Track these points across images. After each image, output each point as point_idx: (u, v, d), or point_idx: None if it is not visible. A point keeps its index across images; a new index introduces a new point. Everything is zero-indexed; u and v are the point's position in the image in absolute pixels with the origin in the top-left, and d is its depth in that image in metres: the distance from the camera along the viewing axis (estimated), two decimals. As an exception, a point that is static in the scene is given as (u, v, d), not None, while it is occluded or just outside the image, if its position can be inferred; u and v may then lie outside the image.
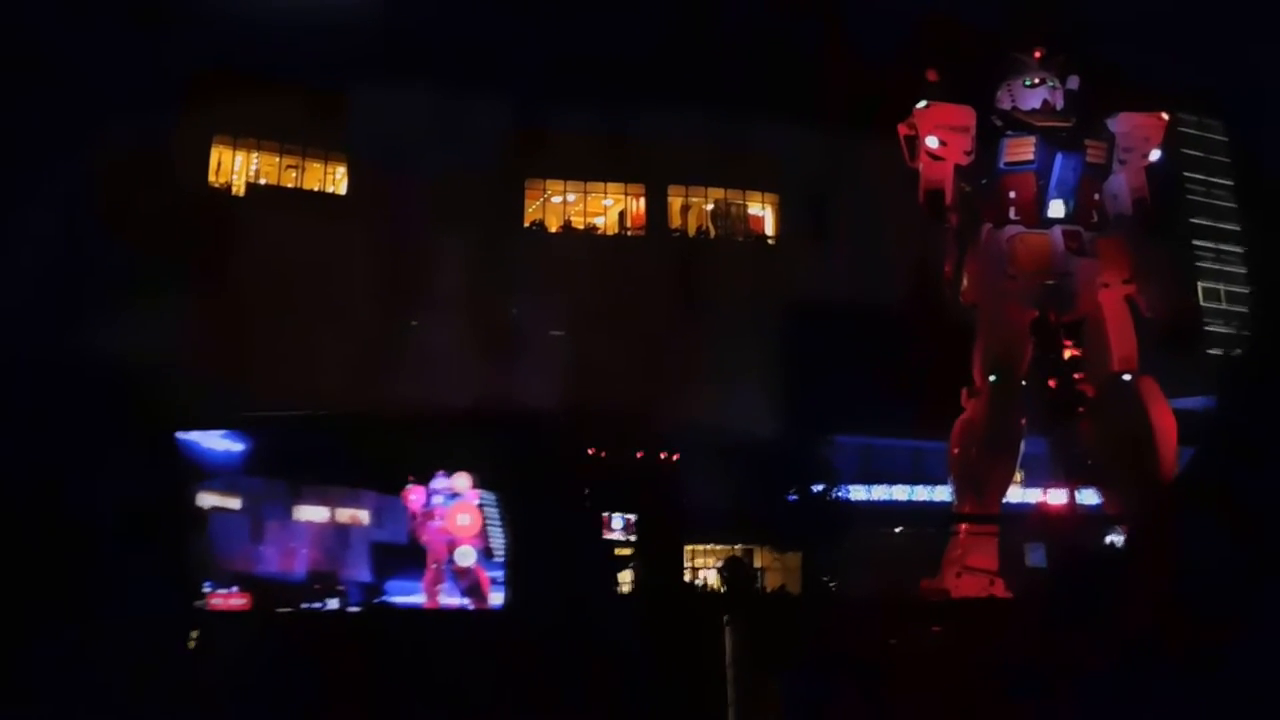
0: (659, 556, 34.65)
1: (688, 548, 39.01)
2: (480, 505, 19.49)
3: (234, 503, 21.90)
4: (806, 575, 38.16)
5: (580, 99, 40.06)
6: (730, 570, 20.96)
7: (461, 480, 19.22)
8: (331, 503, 22.49)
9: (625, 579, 35.69)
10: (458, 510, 18.96)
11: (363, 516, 22.36)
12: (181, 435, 22.21)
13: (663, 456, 37.23)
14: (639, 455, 37.36)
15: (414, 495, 19.32)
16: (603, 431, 36.80)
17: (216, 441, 22.77)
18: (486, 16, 39.50)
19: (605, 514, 35.04)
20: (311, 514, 22.39)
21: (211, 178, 41.00)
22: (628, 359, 37.02)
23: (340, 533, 22.51)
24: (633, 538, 36.25)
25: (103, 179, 32.07)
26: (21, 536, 15.52)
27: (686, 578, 38.07)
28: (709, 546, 39.64)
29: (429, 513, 19.15)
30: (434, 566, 19.11)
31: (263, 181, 42.12)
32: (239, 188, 41.58)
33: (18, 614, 12.40)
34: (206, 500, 21.80)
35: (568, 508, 27.08)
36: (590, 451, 36.50)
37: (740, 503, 35.10)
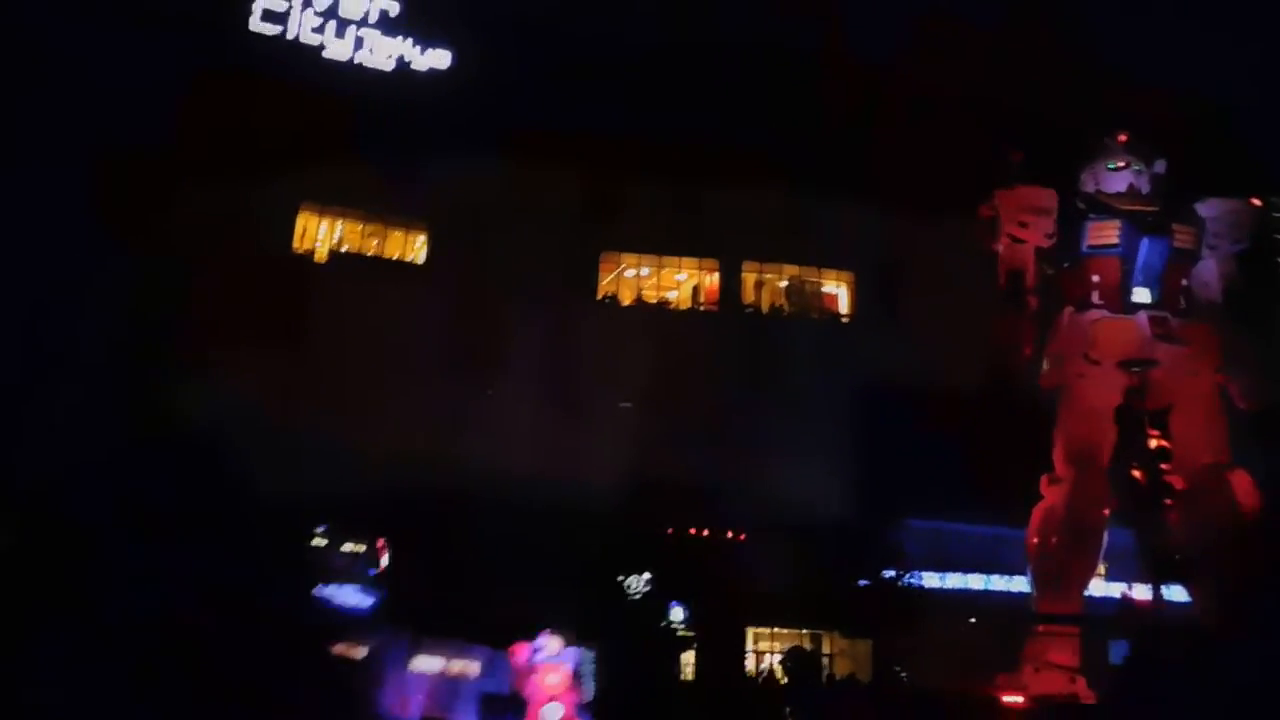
0: (720, 642, 34.01)
1: (753, 630, 38.20)
2: (572, 664, 20.88)
3: (360, 652, 23.99)
4: (877, 664, 37.01)
5: (656, 172, 40.49)
6: (793, 660, 20.43)
7: (553, 643, 20.49)
8: (447, 654, 24.52)
9: (687, 660, 35.01)
10: (547, 670, 20.11)
11: (473, 668, 24.34)
12: (319, 590, 25.22)
13: (729, 535, 36.73)
14: (705, 533, 36.92)
15: (520, 652, 20.58)
16: (670, 508, 36.49)
17: (350, 596, 25.82)
18: (566, 90, 40.31)
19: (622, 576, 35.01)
20: (427, 664, 24.42)
21: (296, 243, 42.15)
22: (698, 435, 36.78)
23: (451, 682, 24.51)
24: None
25: (190, 242, 33.20)
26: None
27: (751, 663, 37.21)
28: (775, 629, 38.75)
29: (532, 668, 20.37)
30: (535, 716, 20.31)
31: (345, 248, 43.18)
32: (321, 254, 42.66)
33: None
34: (336, 648, 23.92)
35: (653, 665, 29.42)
36: (656, 527, 36.19)
37: (809, 586, 34.37)
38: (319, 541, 32.89)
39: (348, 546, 33.78)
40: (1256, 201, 18.91)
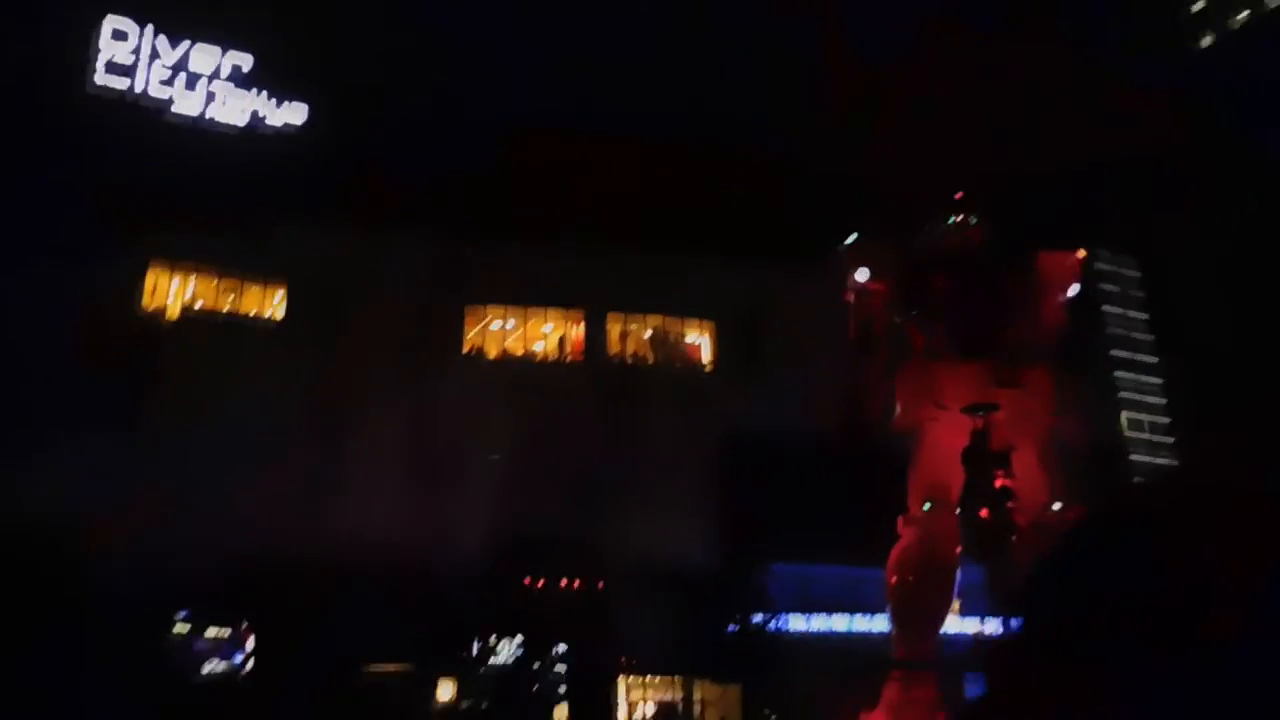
0: (590, 693, 33.86)
1: (625, 680, 38.15)
2: None
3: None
4: (746, 709, 37.43)
5: (519, 223, 40.69)
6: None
7: None
8: None
9: (560, 717, 34.72)
10: None
11: None
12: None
13: (600, 586, 36.73)
14: (575, 585, 36.82)
15: None
16: (540, 561, 36.31)
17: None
18: (425, 142, 40.29)
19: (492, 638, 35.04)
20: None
21: (146, 302, 40.60)
22: (567, 487, 36.77)
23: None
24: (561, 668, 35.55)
25: (34, 310, 31.66)
26: None
27: (623, 714, 37.13)
28: (647, 678, 38.78)
29: None
30: None
31: (199, 305, 41.82)
32: (173, 312, 41.19)
33: None
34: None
35: None
36: (526, 582, 35.93)
37: (679, 633, 34.59)
38: (180, 629, 30.80)
39: (211, 632, 31.70)
40: (1081, 253, 20.34)
